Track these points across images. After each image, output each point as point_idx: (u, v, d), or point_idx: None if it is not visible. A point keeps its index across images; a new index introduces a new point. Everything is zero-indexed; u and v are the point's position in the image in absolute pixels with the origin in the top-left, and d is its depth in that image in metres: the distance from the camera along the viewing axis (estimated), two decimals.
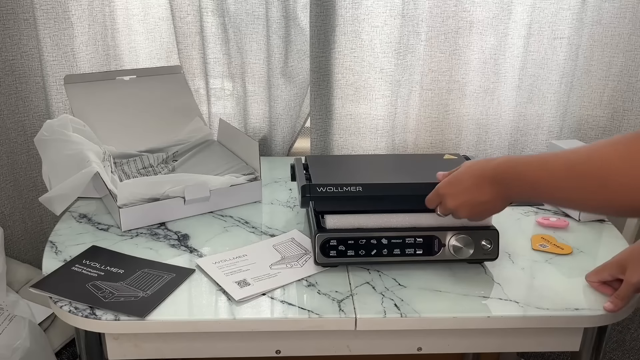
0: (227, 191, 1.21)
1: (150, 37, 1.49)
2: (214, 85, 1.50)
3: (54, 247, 1.07)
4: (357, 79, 1.44)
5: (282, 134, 1.53)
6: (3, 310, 1.26)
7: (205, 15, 1.41)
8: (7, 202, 1.47)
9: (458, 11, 1.39)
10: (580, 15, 1.39)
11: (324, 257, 0.98)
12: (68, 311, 0.89)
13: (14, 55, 1.38)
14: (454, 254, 1.00)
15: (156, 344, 0.94)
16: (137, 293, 0.93)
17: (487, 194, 0.87)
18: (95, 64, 1.43)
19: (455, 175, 0.92)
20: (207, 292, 0.95)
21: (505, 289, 0.97)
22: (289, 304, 0.92)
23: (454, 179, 0.91)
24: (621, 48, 1.42)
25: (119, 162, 1.31)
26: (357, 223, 1.00)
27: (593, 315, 0.91)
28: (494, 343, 0.98)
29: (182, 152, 1.37)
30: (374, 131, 1.49)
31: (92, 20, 1.40)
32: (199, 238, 1.11)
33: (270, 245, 1.08)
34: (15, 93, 1.41)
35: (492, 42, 1.43)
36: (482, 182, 0.87)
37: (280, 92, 1.48)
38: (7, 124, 1.42)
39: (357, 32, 1.39)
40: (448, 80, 1.46)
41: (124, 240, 1.09)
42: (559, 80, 1.45)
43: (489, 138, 1.52)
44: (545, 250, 1.08)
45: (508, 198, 0.87)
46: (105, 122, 1.33)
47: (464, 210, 0.90)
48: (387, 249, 0.99)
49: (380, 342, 0.96)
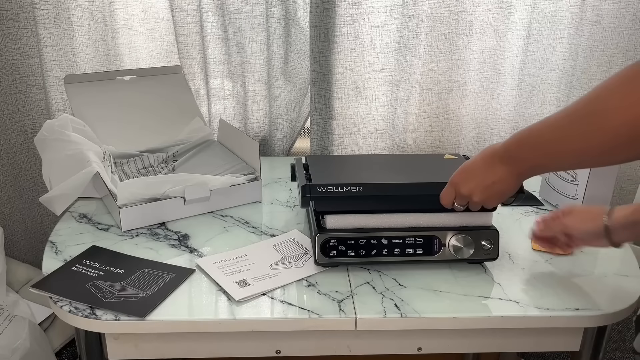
0: (227, 191, 1.21)
1: (150, 37, 1.49)
2: (214, 85, 1.50)
3: (54, 247, 1.07)
4: (357, 79, 1.44)
5: (282, 134, 1.53)
6: (3, 310, 1.26)
7: (205, 15, 1.41)
8: (7, 202, 1.47)
9: (458, 11, 1.39)
10: (580, 15, 1.39)
11: (324, 257, 0.98)
12: (68, 311, 0.89)
13: (14, 55, 1.38)
14: (454, 254, 1.00)
15: (156, 344, 0.94)
16: (137, 293, 0.93)
17: (498, 172, 0.87)
18: (95, 64, 1.44)
19: (466, 162, 0.93)
20: (207, 292, 0.95)
21: (505, 289, 0.97)
22: (289, 304, 0.92)
23: (465, 165, 0.92)
24: (621, 48, 1.42)
25: (119, 162, 1.31)
26: (357, 223, 1.00)
27: (593, 315, 0.91)
28: (494, 343, 0.98)
29: (182, 152, 1.37)
30: (374, 131, 1.49)
31: (92, 20, 1.40)
32: (199, 238, 1.11)
33: (270, 245, 1.08)
34: (15, 93, 1.41)
35: (491, 42, 1.43)
36: (493, 162, 0.87)
37: (280, 92, 1.48)
38: (7, 124, 1.42)
39: (357, 32, 1.39)
40: (448, 80, 1.46)
41: (124, 240, 1.09)
42: (559, 80, 1.45)
43: (489, 138, 1.52)
44: (546, 250, 1.08)
45: (520, 174, 0.86)
46: (105, 122, 1.33)
47: (478, 193, 0.90)
48: (387, 249, 0.99)
49: (380, 342, 0.96)
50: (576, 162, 0.83)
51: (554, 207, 1.25)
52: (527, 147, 0.83)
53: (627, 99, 0.68)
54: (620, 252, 1.08)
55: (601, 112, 0.71)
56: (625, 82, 0.69)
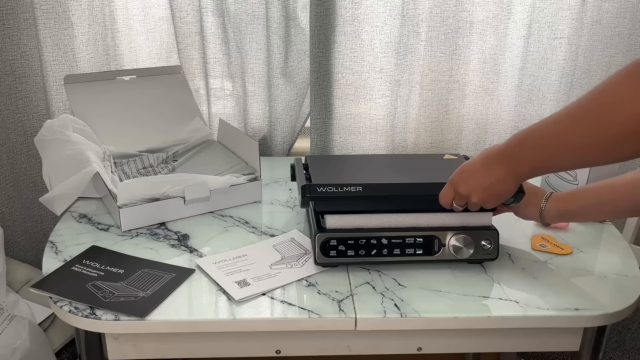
0: (227, 191, 1.21)
1: (150, 37, 1.49)
2: (214, 85, 1.50)
3: (54, 247, 1.07)
4: (357, 78, 1.44)
5: (282, 134, 1.53)
6: (3, 310, 1.26)
7: (205, 15, 1.41)
8: (7, 202, 1.47)
9: (458, 11, 1.39)
10: (580, 15, 1.39)
11: (324, 257, 0.98)
12: (68, 311, 0.89)
13: (14, 55, 1.38)
14: (454, 254, 1.00)
15: (156, 344, 0.94)
16: (137, 293, 0.93)
17: (497, 173, 0.87)
18: (95, 64, 1.43)
19: (465, 162, 0.93)
20: (207, 292, 0.95)
21: (505, 289, 0.97)
22: (289, 303, 0.92)
23: (465, 165, 0.92)
24: (621, 48, 1.42)
25: (119, 162, 1.31)
26: (357, 223, 1.00)
27: (593, 315, 0.91)
28: (494, 343, 0.98)
29: (182, 152, 1.37)
30: (373, 131, 1.49)
31: (92, 20, 1.40)
32: (199, 238, 1.11)
33: (270, 245, 1.08)
34: (15, 93, 1.41)
35: (492, 42, 1.43)
36: (491, 162, 0.87)
37: (280, 92, 1.48)
38: (7, 124, 1.42)
39: (357, 32, 1.39)
40: (448, 80, 1.46)
41: (124, 240, 1.09)
42: (559, 80, 1.45)
43: (489, 138, 1.52)
44: (545, 250, 1.08)
45: (519, 176, 0.86)
46: (105, 122, 1.33)
47: (477, 194, 0.90)
48: (387, 249, 0.99)
49: (380, 342, 0.96)
50: (579, 161, 0.82)
51: None
52: (528, 147, 0.82)
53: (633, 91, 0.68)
54: (620, 252, 1.09)
55: (608, 107, 0.71)
56: (632, 76, 0.69)
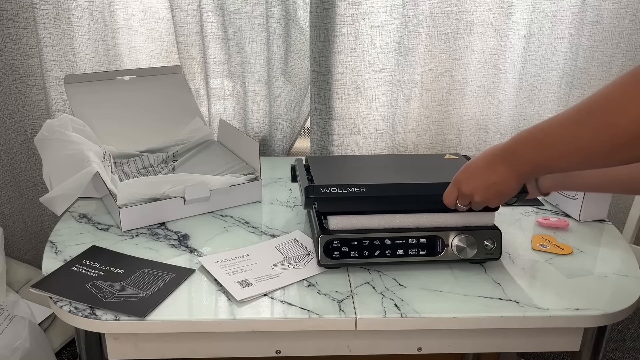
0: (227, 191, 1.21)
1: (150, 37, 1.49)
2: (214, 85, 1.50)
3: (54, 247, 1.07)
4: (357, 78, 1.44)
5: (282, 134, 1.53)
6: (3, 310, 1.26)
7: (205, 15, 1.41)
8: (7, 202, 1.47)
9: (458, 11, 1.39)
10: (580, 15, 1.39)
11: (327, 258, 0.98)
12: (68, 311, 0.89)
13: (14, 55, 1.38)
14: (457, 254, 1.00)
15: (156, 344, 0.94)
16: (137, 293, 0.93)
17: (499, 173, 0.86)
18: (95, 64, 1.43)
19: (469, 161, 0.93)
20: (207, 292, 0.95)
21: (505, 289, 0.97)
22: (289, 304, 0.92)
23: (468, 164, 0.92)
24: (621, 48, 1.42)
25: (119, 162, 1.31)
26: (360, 224, 1.00)
27: (593, 315, 0.91)
28: (494, 343, 0.97)
29: (182, 152, 1.37)
30: (374, 131, 1.48)
31: (92, 20, 1.40)
32: (199, 238, 1.11)
33: (272, 246, 1.08)
34: (15, 93, 1.41)
35: (492, 42, 1.43)
36: (494, 161, 0.87)
37: (280, 92, 1.48)
38: (7, 124, 1.42)
39: (357, 32, 1.39)
40: (448, 80, 1.46)
41: (124, 240, 1.09)
42: (559, 80, 1.45)
43: (489, 138, 1.52)
44: (546, 250, 1.08)
45: (521, 175, 0.86)
46: (105, 122, 1.33)
47: (479, 193, 0.90)
48: (390, 250, 0.99)
49: (380, 342, 0.96)
50: (582, 162, 0.82)
51: (554, 207, 1.25)
52: (531, 146, 0.82)
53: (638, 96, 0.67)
54: (620, 252, 1.09)
55: (612, 110, 0.70)
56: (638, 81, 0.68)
